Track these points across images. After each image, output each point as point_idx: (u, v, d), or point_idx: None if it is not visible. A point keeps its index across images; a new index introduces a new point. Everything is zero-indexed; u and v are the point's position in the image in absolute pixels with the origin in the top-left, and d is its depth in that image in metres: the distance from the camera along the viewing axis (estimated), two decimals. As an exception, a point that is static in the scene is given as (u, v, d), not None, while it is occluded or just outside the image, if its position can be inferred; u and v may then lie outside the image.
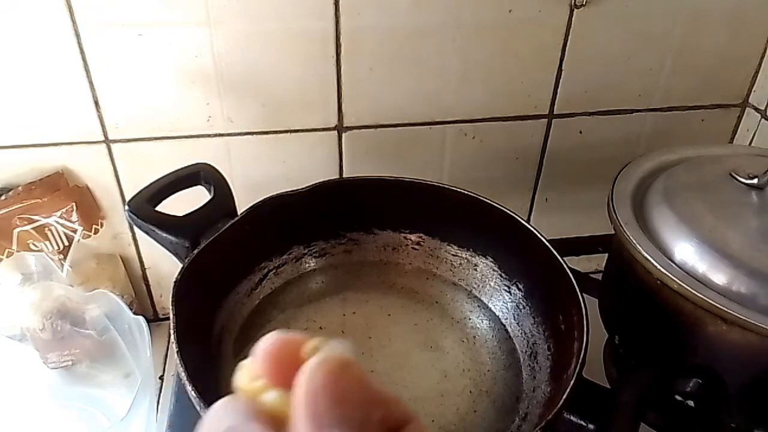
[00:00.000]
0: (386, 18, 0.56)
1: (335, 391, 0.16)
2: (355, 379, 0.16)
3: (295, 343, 0.18)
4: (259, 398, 0.18)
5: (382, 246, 0.60)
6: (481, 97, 0.63)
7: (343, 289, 0.58)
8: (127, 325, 0.58)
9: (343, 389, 0.16)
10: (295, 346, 0.18)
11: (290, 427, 0.16)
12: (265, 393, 0.18)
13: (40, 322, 0.58)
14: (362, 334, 0.54)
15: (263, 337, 0.18)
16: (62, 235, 0.61)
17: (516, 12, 0.58)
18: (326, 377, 0.16)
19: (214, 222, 0.51)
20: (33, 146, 0.58)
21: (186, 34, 0.54)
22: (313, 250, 0.59)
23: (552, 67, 0.62)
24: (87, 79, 0.55)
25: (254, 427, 0.17)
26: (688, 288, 0.43)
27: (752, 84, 0.68)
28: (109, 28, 0.53)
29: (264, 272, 0.57)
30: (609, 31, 0.61)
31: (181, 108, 0.58)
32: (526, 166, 0.69)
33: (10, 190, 0.59)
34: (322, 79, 0.59)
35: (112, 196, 0.62)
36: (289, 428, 0.16)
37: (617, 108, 0.66)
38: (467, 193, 0.55)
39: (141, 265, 0.68)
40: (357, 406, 0.16)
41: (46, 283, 0.59)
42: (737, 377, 0.44)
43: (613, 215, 0.49)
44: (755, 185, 0.48)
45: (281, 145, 0.62)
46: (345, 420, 0.16)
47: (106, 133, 0.58)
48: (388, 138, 0.63)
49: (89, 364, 0.62)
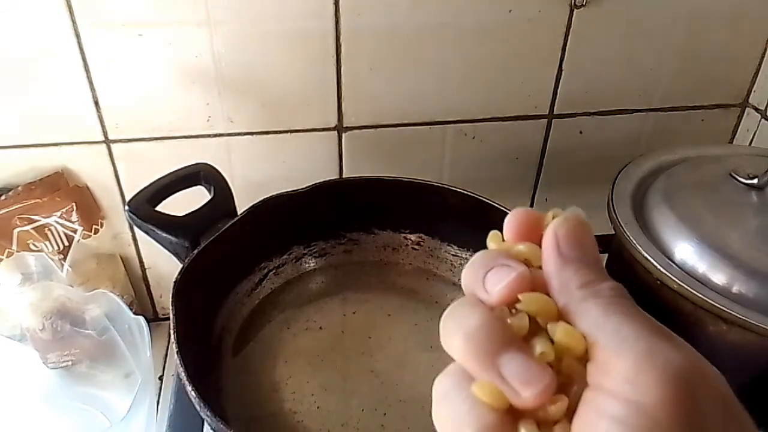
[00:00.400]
0: (386, 18, 0.56)
1: (575, 237, 0.21)
2: (588, 232, 0.21)
3: (537, 213, 0.22)
4: (509, 250, 0.22)
5: (382, 246, 0.60)
6: (481, 97, 0.63)
7: (343, 289, 0.58)
8: (127, 325, 0.58)
9: (581, 237, 0.21)
10: (537, 215, 0.22)
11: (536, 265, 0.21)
12: (515, 247, 0.22)
13: (40, 322, 0.58)
14: (362, 334, 0.54)
15: (511, 212, 0.23)
16: (62, 235, 0.61)
17: (516, 12, 0.58)
18: (569, 228, 0.21)
19: (214, 222, 0.51)
20: (33, 146, 0.58)
21: (186, 34, 0.54)
22: (313, 250, 0.59)
23: (552, 67, 0.62)
24: (87, 79, 0.55)
25: (509, 261, 0.21)
26: (688, 288, 0.43)
27: (752, 84, 0.68)
28: (109, 28, 0.53)
29: (264, 272, 0.57)
30: (609, 31, 0.61)
31: (181, 108, 0.58)
32: (526, 166, 0.69)
33: (10, 190, 0.59)
34: (322, 79, 0.59)
35: (112, 196, 0.62)
36: (534, 267, 0.21)
37: (617, 108, 0.66)
38: (467, 193, 0.55)
39: (141, 265, 0.68)
40: (590, 251, 0.21)
41: (46, 283, 0.59)
42: (737, 377, 0.44)
43: (613, 215, 0.49)
44: (755, 185, 0.48)
45: (281, 145, 0.62)
46: (582, 258, 0.20)
47: (106, 133, 0.58)
48: (388, 138, 0.63)
49: (89, 364, 0.62)
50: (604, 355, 0.18)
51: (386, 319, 0.55)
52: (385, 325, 0.55)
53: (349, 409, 0.48)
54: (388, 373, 0.51)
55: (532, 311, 0.20)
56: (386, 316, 0.55)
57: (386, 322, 0.55)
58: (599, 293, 0.20)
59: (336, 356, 0.52)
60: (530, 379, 0.18)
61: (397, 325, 0.55)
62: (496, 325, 0.20)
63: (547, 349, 0.19)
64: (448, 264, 0.59)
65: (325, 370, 0.51)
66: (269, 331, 0.54)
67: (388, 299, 0.57)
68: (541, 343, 0.19)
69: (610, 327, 0.19)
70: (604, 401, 0.18)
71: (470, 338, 0.19)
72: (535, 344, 0.19)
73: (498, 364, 0.19)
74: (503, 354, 0.19)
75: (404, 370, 0.51)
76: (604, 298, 0.19)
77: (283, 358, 0.52)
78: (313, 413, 0.48)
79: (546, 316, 0.20)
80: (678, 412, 0.17)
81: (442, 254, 0.59)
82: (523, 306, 0.20)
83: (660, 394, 0.17)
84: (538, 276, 0.21)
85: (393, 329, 0.54)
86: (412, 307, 0.56)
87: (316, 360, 0.52)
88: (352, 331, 0.54)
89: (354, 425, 0.47)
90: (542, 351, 0.19)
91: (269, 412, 0.48)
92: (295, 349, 0.52)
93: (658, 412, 0.17)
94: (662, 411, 0.17)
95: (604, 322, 0.19)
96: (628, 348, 0.18)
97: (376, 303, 0.57)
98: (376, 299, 0.57)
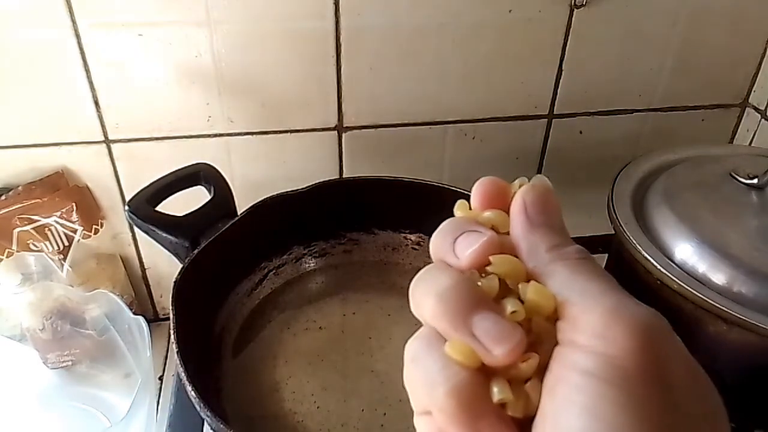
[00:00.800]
0: (386, 18, 0.56)
1: (542, 204, 0.22)
2: (554, 199, 0.22)
3: (503, 182, 0.23)
4: (477, 217, 0.23)
5: (382, 246, 0.60)
6: (481, 97, 0.63)
7: (343, 289, 0.58)
8: (127, 325, 0.58)
9: (548, 203, 0.22)
10: (503, 184, 0.23)
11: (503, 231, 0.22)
12: (482, 214, 0.23)
13: (40, 322, 0.58)
14: (362, 334, 0.54)
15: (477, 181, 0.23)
16: (62, 235, 0.61)
17: (516, 12, 0.58)
18: (536, 194, 0.22)
19: (214, 222, 0.51)
20: (33, 146, 0.58)
21: (186, 34, 0.54)
22: (313, 250, 0.59)
23: (552, 67, 0.62)
24: (87, 79, 0.55)
25: (478, 227, 0.21)
26: (688, 288, 0.43)
27: (752, 84, 0.68)
28: (109, 28, 0.53)
29: (264, 272, 0.57)
30: (609, 31, 0.61)
31: (181, 108, 0.58)
32: (526, 166, 0.69)
33: (10, 190, 0.59)
34: (322, 79, 0.59)
35: (112, 196, 0.62)
36: (501, 233, 0.22)
37: (617, 108, 0.66)
38: (467, 193, 0.54)
39: (141, 265, 0.68)
40: (556, 217, 0.22)
41: (46, 283, 0.59)
42: (737, 377, 0.44)
43: (613, 215, 0.49)
44: (755, 185, 0.48)
45: (281, 145, 0.62)
46: (549, 223, 0.21)
47: (106, 133, 0.58)
48: (388, 138, 0.63)
49: (89, 364, 0.62)
50: (573, 312, 0.19)
51: (386, 319, 0.55)
52: (385, 325, 0.55)
53: (349, 409, 0.48)
54: (388, 373, 0.51)
55: (502, 273, 0.20)
56: (386, 316, 0.55)
57: (386, 322, 0.55)
58: (566, 255, 0.20)
59: (336, 356, 0.52)
60: (502, 337, 0.19)
61: (397, 325, 0.55)
62: (467, 286, 0.20)
63: (518, 308, 0.19)
64: (448, 264, 0.59)
65: (325, 370, 0.51)
66: (269, 331, 0.54)
67: (388, 299, 0.57)
68: (512, 303, 0.20)
69: (577, 286, 0.19)
70: (574, 356, 0.18)
71: (442, 298, 0.20)
72: (506, 304, 0.20)
73: (470, 324, 0.19)
74: (475, 314, 0.19)
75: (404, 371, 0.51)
76: (571, 259, 0.20)
77: (283, 358, 0.52)
78: (313, 413, 0.48)
79: (515, 278, 0.20)
80: (646, 363, 0.17)
81: (442, 254, 0.59)
82: (493, 267, 0.20)
83: (628, 346, 0.17)
84: (506, 241, 0.21)
85: (393, 329, 0.54)
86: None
87: (316, 360, 0.52)
88: (352, 331, 0.54)
89: (354, 425, 0.47)
90: (513, 310, 0.19)
91: (269, 412, 0.48)
92: (295, 349, 0.52)
93: (626, 363, 0.17)
94: (631, 362, 0.17)
95: (571, 282, 0.19)
96: (596, 304, 0.18)
97: (376, 303, 0.57)
98: (376, 299, 0.57)
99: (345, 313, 0.56)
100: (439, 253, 0.22)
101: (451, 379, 0.19)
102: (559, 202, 0.22)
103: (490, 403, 0.19)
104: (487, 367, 0.19)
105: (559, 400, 0.18)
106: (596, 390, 0.17)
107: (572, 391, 0.18)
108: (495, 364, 0.19)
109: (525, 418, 0.19)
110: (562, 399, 0.18)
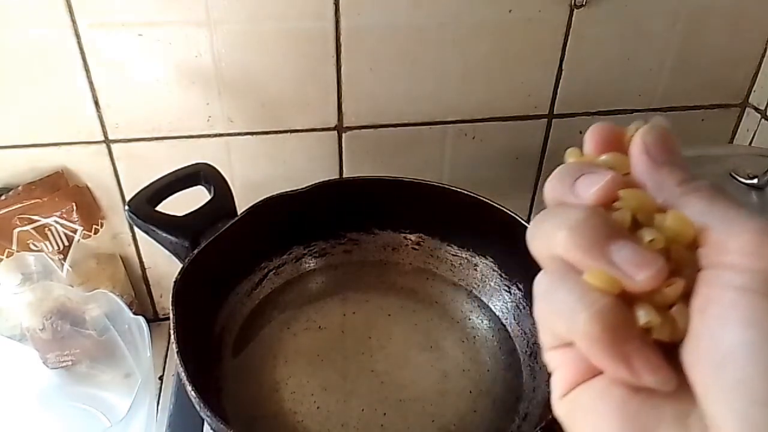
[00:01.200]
0: (386, 18, 0.56)
1: (664, 144, 0.21)
2: (675, 140, 0.22)
3: (618, 127, 0.22)
4: (593, 160, 0.22)
5: (382, 246, 0.60)
6: (481, 97, 0.63)
7: (343, 289, 0.58)
8: (127, 325, 0.58)
9: (669, 143, 0.21)
10: (618, 129, 0.22)
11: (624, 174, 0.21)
12: (598, 157, 0.22)
13: (40, 322, 0.58)
14: (362, 334, 0.54)
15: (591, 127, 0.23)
16: (62, 235, 0.61)
17: (516, 12, 0.58)
18: (657, 135, 0.21)
19: (214, 222, 0.51)
20: (33, 146, 0.58)
21: (186, 34, 0.54)
22: (313, 250, 0.59)
23: (552, 67, 0.62)
24: (87, 79, 0.55)
25: (597, 169, 0.21)
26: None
27: (752, 84, 0.68)
28: (109, 28, 0.53)
29: (264, 272, 0.57)
30: (609, 31, 0.61)
31: (181, 108, 0.58)
32: (526, 166, 0.69)
33: (10, 190, 0.59)
34: (322, 79, 0.59)
35: (112, 196, 0.62)
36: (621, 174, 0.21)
37: (617, 108, 0.66)
38: (467, 193, 0.55)
39: (141, 265, 0.68)
40: (679, 156, 0.21)
41: (46, 283, 0.59)
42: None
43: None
44: (755, 185, 0.48)
45: (281, 145, 0.62)
46: (673, 162, 0.21)
47: (106, 133, 0.58)
48: (388, 138, 0.63)
49: (89, 364, 0.62)
50: (717, 237, 0.19)
51: (386, 319, 0.55)
52: (385, 325, 0.55)
53: (349, 409, 0.48)
54: (388, 373, 0.51)
55: (633, 206, 0.20)
56: (386, 316, 0.55)
57: (386, 322, 0.55)
58: (699, 187, 0.20)
59: (336, 356, 0.52)
60: (643, 263, 0.18)
61: (397, 325, 0.55)
62: (601, 217, 0.20)
63: (656, 236, 0.19)
64: (448, 264, 0.59)
65: (325, 370, 0.51)
66: (269, 331, 0.54)
67: (388, 299, 0.57)
68: (650, 232, 0.19)
69: (718, 213, 0.19)
70: (725, 275, 0.18)
71: (576, 230, 0.19)
72: (643, 234, 0.19)
73: (608, 253, 0.19)
74: (612, 243, 0.19)
75: (404, 370, 0.51)
76: (705, 191, 0.20)
77: (283, 358, 0.52)
78: (313, 413, 0.48)
79: (647, 212, 0.20)
80: None
81: (442, 254, 0.59)
82: (623, 202, 0.20)
83: None
84: (629, 181, 0.21)
85: (393, 329, 0.54)
86: (412, 307, 0.56)
87: (316, 360, 0.52)
88: (352, 331, 0.54)
89: (354, 425, 0.47)
90: (651, 238, 0.19)
91: (269, 412, 0.48)
92: (295, 349, 0.52)
93: None
94: None
95: (710, 210, 0.19)
96: (743, 227, 0.18)
97: (376, 303, 0.57)
98: (376, 299, 0.57)
99: (345, 312, 0.56)
100: (558, 196, 0.21)
101: (594, 304, 0.18)
102: (678, 144, 0.22)
103: (635, 327, 0.19)
104: (627, 295, 0.19)
105: (713, 319, 0.18)
106: (754, 303, 0.17)
107: (727, 307, 0.17)
108: (638, 289, 0.19)
109: (671, 342, 0.19)
110: (716, 317, 0.18)
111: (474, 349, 0.53)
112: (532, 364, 0.51)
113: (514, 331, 0.54)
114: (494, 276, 0.57)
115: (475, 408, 0.49)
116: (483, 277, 0.57)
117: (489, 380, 0.51)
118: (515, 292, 0.55)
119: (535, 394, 0.49)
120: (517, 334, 0.54)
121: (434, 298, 0.57)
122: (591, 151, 0.22)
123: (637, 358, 0.18)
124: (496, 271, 0.57)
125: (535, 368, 0.51)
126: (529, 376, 0.51)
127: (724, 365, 0.17)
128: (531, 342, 0.52)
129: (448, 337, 0.54)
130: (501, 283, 0.56)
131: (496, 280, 0.57)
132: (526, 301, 0.54)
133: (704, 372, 0.18)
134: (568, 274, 0.19)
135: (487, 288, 0.57)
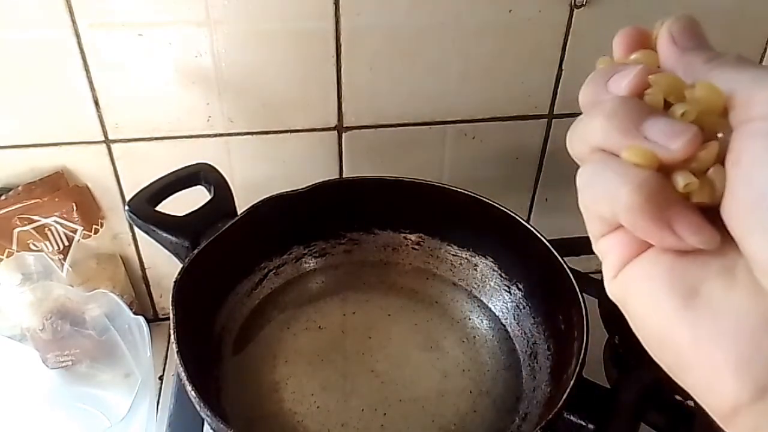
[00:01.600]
0: (386, 18, 0.56)
1: (690, 31, 0.22)
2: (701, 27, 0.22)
3: (645, 28, 0.23)
4: (623, 61, 0.23)
5: (382, 246, 0.60)
6: (481, 97, 0.63)
7: (343, 289, 0.58)
8: (127, 325, 0.58)
9: (695, 31, 0.22)
10: (645, 30, 0.23)
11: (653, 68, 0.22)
12: (628, 58, 0.23)
13: (40, 322, 0.58)
14: (362, 334, 0.54)
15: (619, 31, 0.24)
16: (62, 235, 0.61)
17: (516, 12, 0.58)
18: (682, 24, 0.22)
19: (214, 222, 0.51)
20: (33, 146, 0.58)
21: (186, 34, 0.54)
22: (313, 250, 0.59)
23: (552, 67, 0.62)
24: (87, 79, 0.55)
25: (626, 66, 0.22)
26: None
27: (752, 84, 0.68)
28: (109, 28, 0.53)
29: (264, 272, 0.57)
30: (609, 31, 0.60)
31: (181, 108, 0.58)
32: (526, 166, 0.69)
33: (10, 190, 0.59)
34: (322, 79, 0.59)
35: (112, 196, 0.62)
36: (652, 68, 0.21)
37: (617, 108, 0.66)
38: (467, 193, 0.55)
39: (141, 265, 0.68)
40: (705, 41, 0.22)
41: (46, 283, 0.59)
42: None
43: (613, 215, 0.49)
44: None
45: (281, 145, 0.62)
46: (700, 46, 0.22)
47: (106, 133, 0.58)
48: (388, 138, 0.63)
49: (89, 364, 0.62)
50: (745, 96, 0.19)
51: (386, 319, 0.55)
52: (385, 325, 0.55)
53: (349, 409, 0.48)
54: (388, 373, 0.51)
55: (664, 87, 0.21)
56: (386, 316, 0.55)
57: (386, 322, 0.55)
58: (726, 60, 0.20)
59: (336, 356, 0.52)
60: (677, 132, 0.19)
61: (397, 325, 0.55)
62: (634, 100, 0.21)
63: (687, 108, 0.20)
64: (448, 264, 0.59)
65: (325, 370, 0.51)
66: (269, 331, 0.54)
67: (388, 299, 0.57)
68: (680, 106, 0.20)
69: (744, 76, 0.19)
70: (754, 125, 0.18)
71: (611, 114, 0.20)
72: (675, 109, 0.20)
73: (642, 129, 0.20)
74: (646, 120, 0.20)
75: (404, 370, 0.51)
76: (732, 61, 0.20)
77: (283, 358, 0.52)
78: (313, 413, 0.48)
79: (677, 92, 0.21)
80: None
81: (442, 254, 0.59)
82: (654, 85, 0.21)
83: None
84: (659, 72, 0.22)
85: (393, 329, 0.54)
86: (412, 307, 0.56)
87: (316, 360, 0.52)
88: (352, 331, 0.54)
89: (354, 425, 0.47)
90: (683, 111, 0.20)
91: (269, 412, 0.48)
92: (295, 349, 0.52)
93: None
94: None
95: (737, 75, 0.20)
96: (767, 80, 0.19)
97: (376, 303, 0.57)
98: (376, 299, 0.57)
99: (345, 312, 0.56)
100: (591, 98, 0.22)
101: (635, 179, 0.19)
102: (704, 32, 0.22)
103: (676, 193, 0.19)
104: (666, 167, 0.20)
105: (746, 167, 0.18)
106: None
107: (759, 153, 0.18)
108: (673, 159, 0.19)
109: (712, 205, 0.19)
110: (749, 164, 0.18)
111: (474, 349, 0.53)
112: (532, 364, 0.51)
113: (514, 331, 0.54)
114: (494, 276, 0.57)
115: (475, 408, 0.49)
116: (483, 277, 0.57)
117: (489, 380, 0.51)
118: (515, 292, 0.55)
119: (535, 394, 0.49)
120: (517, 334, 0.54)
121: (434, 298, 0.57)
122: (620, 55, 0.24)
123: (680, 221, 0.19)
124: (496, 271, 0.57)
125: (535, 368, 0.51)
126: (529, 376, 0.51)
127: (760, 203, 0.18)
128: (531, 342, 0.52)
129: (448, 337, 0.54)
130: (501, 283, 0.56)
131: (496, 280, 0.57)
132: (526, 301, 0.54)
133: (742, 215, 0.18)
134: (609, 159, 0.20)
135: (487, 288, 0.57)
